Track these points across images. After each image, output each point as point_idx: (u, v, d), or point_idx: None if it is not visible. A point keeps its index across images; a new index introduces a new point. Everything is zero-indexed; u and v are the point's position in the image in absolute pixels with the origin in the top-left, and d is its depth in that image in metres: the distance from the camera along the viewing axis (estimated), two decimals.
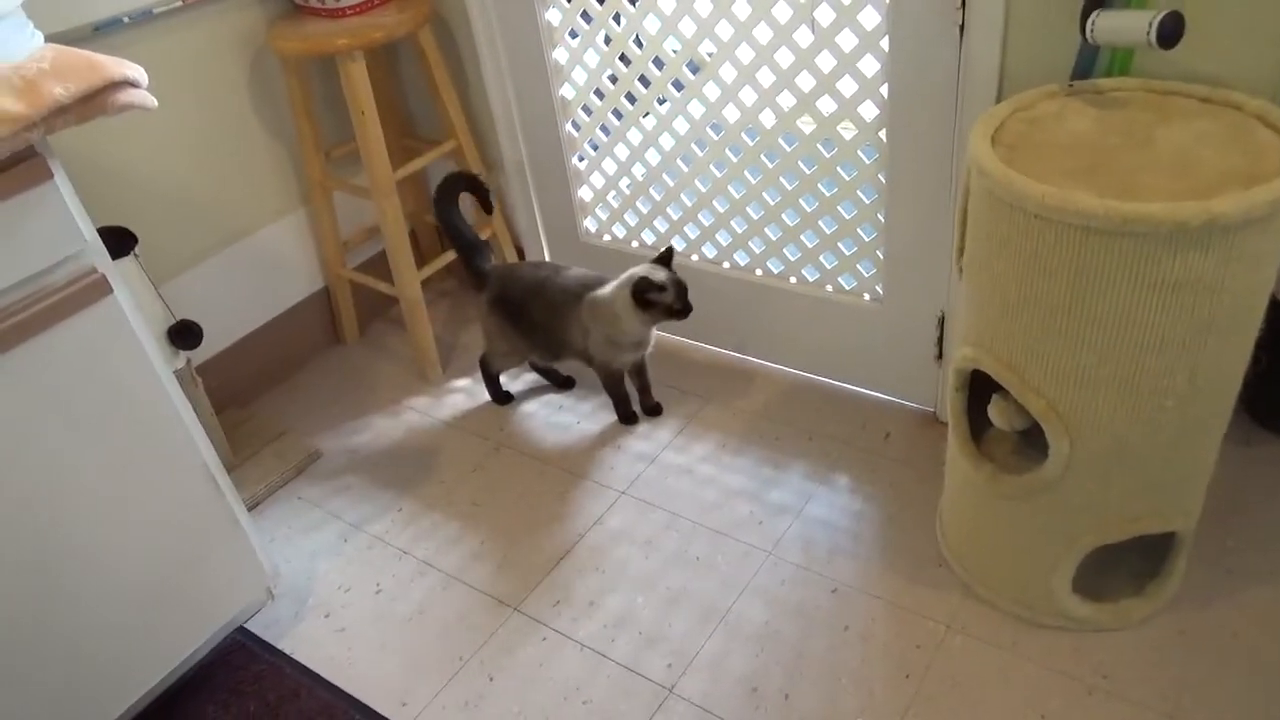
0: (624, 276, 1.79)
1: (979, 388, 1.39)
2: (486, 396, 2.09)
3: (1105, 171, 1.15)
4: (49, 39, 1.26)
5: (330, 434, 2.05)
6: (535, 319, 1.88)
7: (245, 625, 1.64)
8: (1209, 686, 1.33)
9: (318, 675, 1.54)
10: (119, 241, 1.65)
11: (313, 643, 1.59)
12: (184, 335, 1.71)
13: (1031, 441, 1.40)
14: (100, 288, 1.24)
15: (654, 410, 1.97)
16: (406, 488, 1.88)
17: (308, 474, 1.95)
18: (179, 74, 1.89)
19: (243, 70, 1.99)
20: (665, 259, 1.81)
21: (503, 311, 1.91)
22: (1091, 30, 1.26)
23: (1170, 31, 1.19)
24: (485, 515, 1.79)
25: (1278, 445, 1.67)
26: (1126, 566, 1.44)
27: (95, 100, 1.16)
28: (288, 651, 1.58)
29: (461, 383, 2.15)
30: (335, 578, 1.71)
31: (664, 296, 1.75)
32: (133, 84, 1.20)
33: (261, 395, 2.20)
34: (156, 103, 1.23)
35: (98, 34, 1.72)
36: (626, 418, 1.96)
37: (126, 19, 1.75)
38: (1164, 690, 1.33)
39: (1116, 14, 1.25)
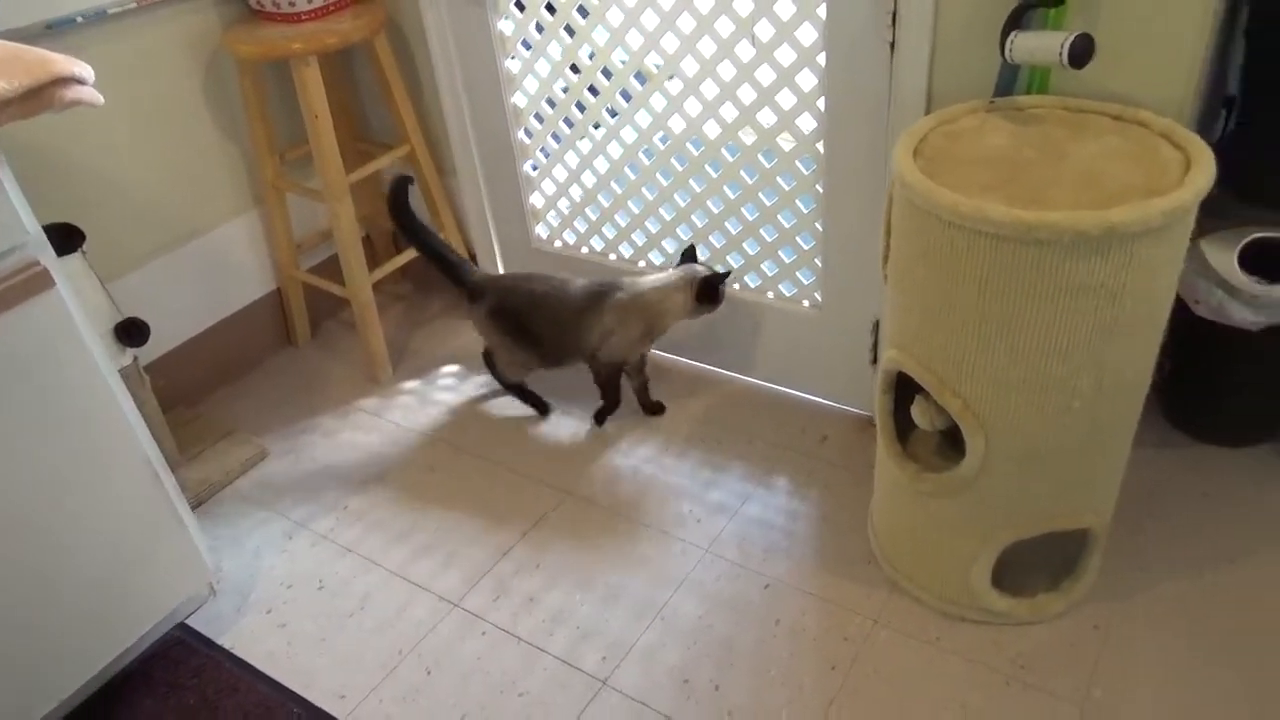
0: (669, 275, 1.85)
1: (907, 390, 1.45)
2: (436, 397, 2.12)
3: (1018, 184, 1.21)
4: (0, 35, 1.28)
5: (279, 434, 2.07)
6: (537, 328, 1.89)
7: (186, 621, 1.65)
8: (1120, 677, 1.39)
9: (257, 670, 1.55)
10: (67, 238, 1.66)
11: (253, 638, 1.61)
12: (131, 333, 1.72)
13: (954, 443, 1.46)
14: (42, 280, 1.26)
15: (658, 409, 2.01)
16: (353, 487, 1.90)
17: (254, 473, 1.97)
18: (133, 74, 1.90)
19: (197, 72, 2.01)
20: (691, 254, 1.90)
21: (503, 323, 1.92)
22: (1010, 50, 1.33)
23: (1080, 52, 1.26)
24: (430, 514, 1.82)
25: (1192, 448, 1.74)
26: (1045, 563, 1.50)
27: (41, 95, 1.18)
28: (228, 647, 1.60)
29: (411, 384, 2.18)
30: (278, 574, 1.73)
31: (724, 285, 1.84)
32: (79, 80, 1.22)
33: (211, 394, 2.21)
34: (103, 100, 1.25)
35: (50, 32, 1.73)
36: (605, 414, 1.98)
37: (80, 18, 1.77)
38: (1077, 681, 1.39)
39: (1032, 35, 1.32)
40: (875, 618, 1.52)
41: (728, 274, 1.86)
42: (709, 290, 1.82)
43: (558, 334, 1.89)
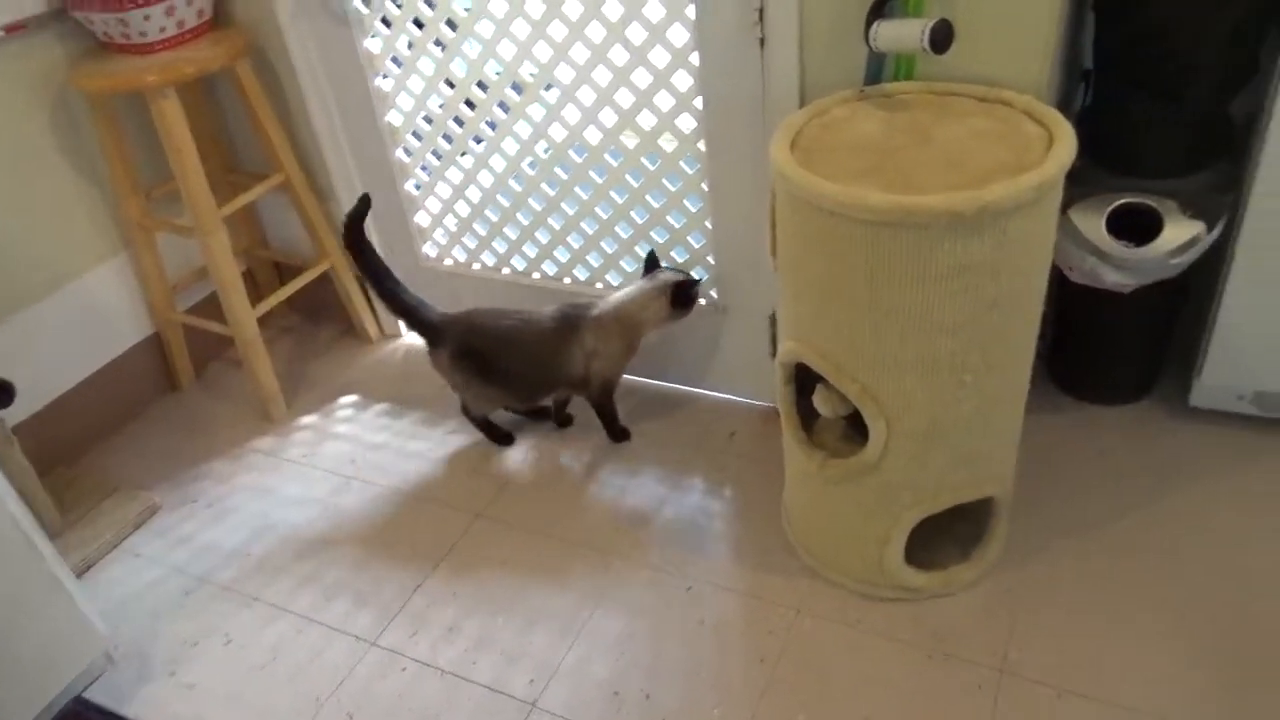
0: (642, 285, 1.79)
1: (807, 380, 1.46)
2: (335, 430, 2.05)
3: (890, 169, 1.23)
4: None
5: (169, 485, 1.97)
6: (508, 365, 1.82)
7: (84, 694, 1.55)
8: (1032, 638, 1.43)
9: None
10: None
11: (158, 704, 1.52)
12: None
13: (857, 427, 1.48)
14: None
15: (568, 421, 1.98)
16: (253, 533, 1.82)
17: (146, 529, 1.87)
18: None
19: (45, 111, 1.90)
20: (654, 262, 1.84)
21: (469, 364, 1.83)
22: (874, 39, 1.35)
23: (941, 38, 1.29)
24: (338, 552, 1.75)
25: (1080, 410, 1.81)
26: (953, 535, 1.54)
27: None
28: (131, 717, 1.51)
29: (308, 420, 2.10)
30: (180, 633, 1.64)
31: (696, 289, 1.79)
32: None
33: (92, 450, 2.09)
34: None
35: None
36: (621, 434, 1.93)
37: None
38: (993, 646, 1.43)
39: (895, 23, 1.34)
40: (797, 607, 1.53)
41: (700, 280, 1.81)
42: (683, 295, 1.78)
43: (533, 369, 1.82)
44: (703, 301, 1.91)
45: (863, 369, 1.30)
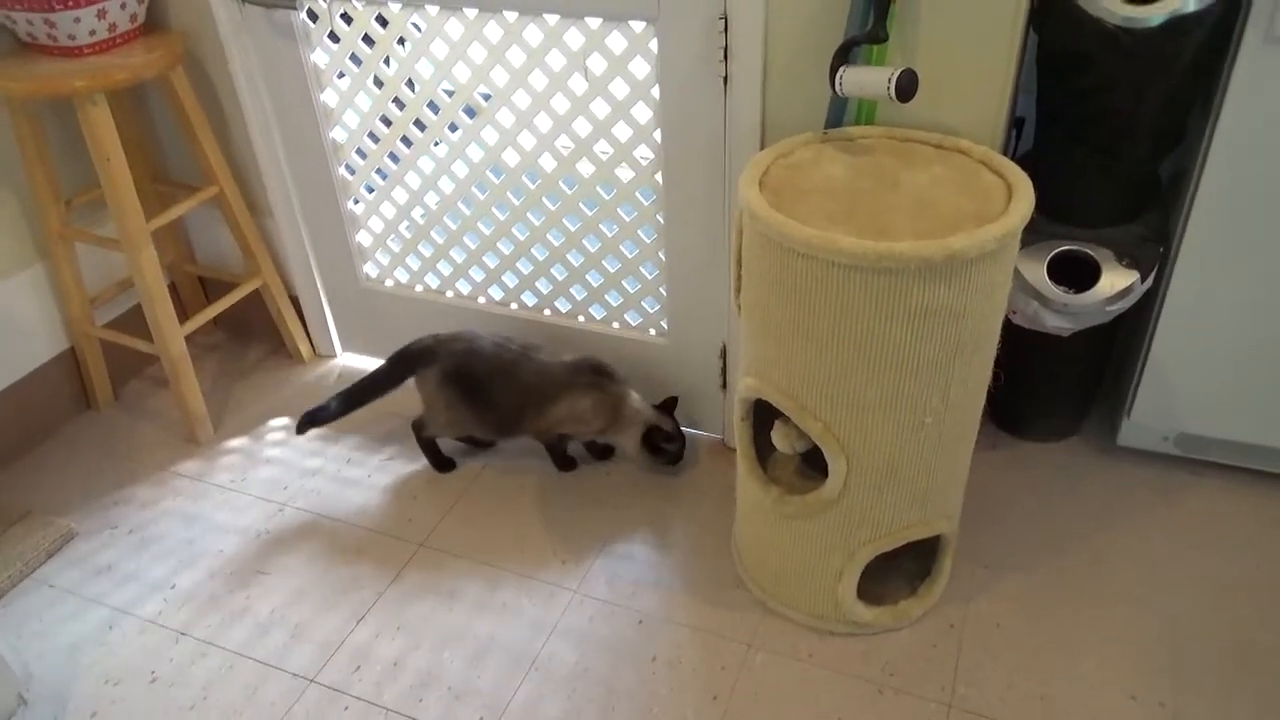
0: (640, 401, 1.80)
1: (762, 414, 1.48)
2: (266, 454, 1.97)
3: (860, 213, 1.26)
4: None
5: (86, 510, 1.85)
6: (497, 395, 1.78)
7: None
8: (978, 673, 1.47)
9: None
10: None
11: None
12: None
13: (812, 463, 1.50)
14: None
15: (609, 452, 1.94)
16: (180, 563, 1.73)
17: (61, 557, 1.75)
18: None
19: None
20: (670, 406, 1.84)
21: (457, 388, 1.79)
22: (840, 83, 1.38)
23: (906, 86, 1.32)
24: (272, 584, 1.68)
25: (1018, 448, 1.88)
26: (902, 570, 1.57)
27: None
28: None
29: (236, 443, 2.01)
30: (100, 671, 1.54)
31: (671, 446, 1.79)
32: None
33: (1, 473, 1.96)
34: None
35: None
36: (567, 464, 1.90)
37: None
38: (941, 681, 1.46)
39: (861, 70, 1.37)
40: (749, 642, 1.53)
41: (680, 438, 1.81)
42: (651, 439, 1.78)
43: (521, 403, 1.78)
44: (652, 332, 1.91)
45: (826, 408, 1.32)
